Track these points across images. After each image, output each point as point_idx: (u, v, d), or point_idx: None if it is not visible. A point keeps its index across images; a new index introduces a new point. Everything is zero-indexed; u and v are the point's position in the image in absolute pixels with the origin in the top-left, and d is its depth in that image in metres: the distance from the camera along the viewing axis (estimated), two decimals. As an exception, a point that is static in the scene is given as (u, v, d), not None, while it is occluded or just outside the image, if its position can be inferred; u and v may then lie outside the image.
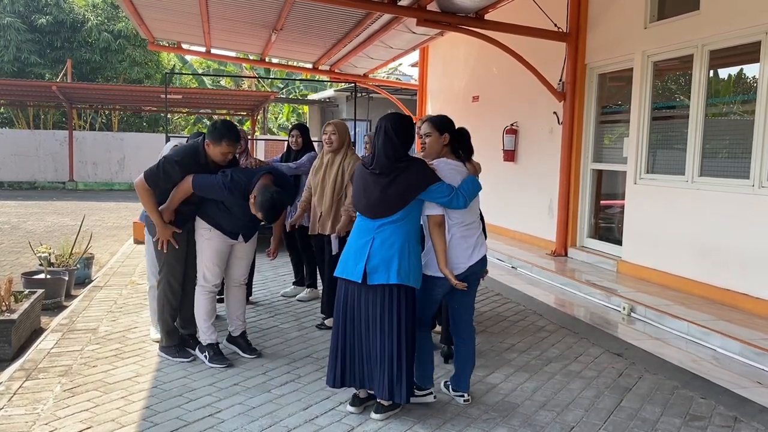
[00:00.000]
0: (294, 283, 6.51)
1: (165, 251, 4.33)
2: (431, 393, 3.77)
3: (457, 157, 3.71)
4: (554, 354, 4.80)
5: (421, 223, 3.63)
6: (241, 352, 4.53)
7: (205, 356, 4.37)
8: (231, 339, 4.62)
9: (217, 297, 4.61)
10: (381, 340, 3.45)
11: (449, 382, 3.90)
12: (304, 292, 6.29)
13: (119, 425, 3.38)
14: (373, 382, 3.53)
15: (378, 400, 3.56)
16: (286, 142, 6.51)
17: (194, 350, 4.50)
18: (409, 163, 3.46)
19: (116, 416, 3.49)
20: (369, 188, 3.49)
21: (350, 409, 3.63)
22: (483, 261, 3.71)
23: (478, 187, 3.63)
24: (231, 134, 4.24)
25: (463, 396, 3.80)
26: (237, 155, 4.67)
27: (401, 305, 3.44)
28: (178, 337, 4.52)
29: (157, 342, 4.62)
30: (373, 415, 3.54)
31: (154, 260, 4.63)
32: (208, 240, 4.36)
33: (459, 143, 3.73)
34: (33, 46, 23.58)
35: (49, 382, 3.96)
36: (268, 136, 24.12)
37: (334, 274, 3.62)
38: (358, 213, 3.63)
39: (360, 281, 3.43)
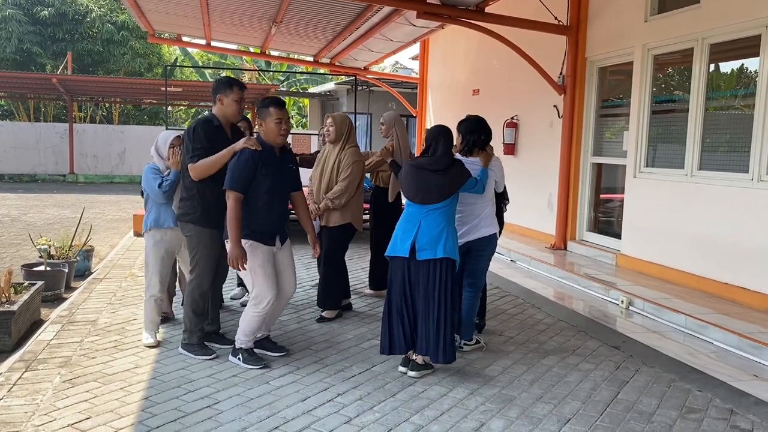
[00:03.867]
0: (240, 283, 6.02)
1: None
2: (479, 343, 4.67)
3: (466, 153, 4.58)
4: (552, 347, 4.82)
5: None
6: (269, 353, 4.40)
7: (239, 358, 4.21)
8: (256, 342, 4.39)
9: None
10: (431, 307, 4.05)
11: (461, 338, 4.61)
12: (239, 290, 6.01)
13: (118, 416, 3.40)
14: (422, 345, 4.07)
15: (414, 359, 4.12)
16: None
17: (218, 345, 4.51)
18: (456, 162, 4.24)
19: (115, 407, 3.51)
20: (425, 181, 4.14)
21: (401, 369, 4.15)
22: (484, 239, 4.54)
23: (494, 174, 4.61)
24: (237, 81, 4.34)
25: (467, 344, 4.59)
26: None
27: (445, 276, 4.07)
28: (201, 336, 4.44)
29: (151, 347, 4.51)
30: (410, 373, 4.08)
31: (156, 272, 4.62)
32: (250, 257, 4.06)
33: (477, 136, 4.59)
34: (35, 37, 23.57)
35: (48, 373, 3.98)
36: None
37: (386, 254, 4.26)
38: (407, 201, 4.26)
39: (407, 256, 4.07)
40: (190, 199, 4.30)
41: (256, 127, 4.62)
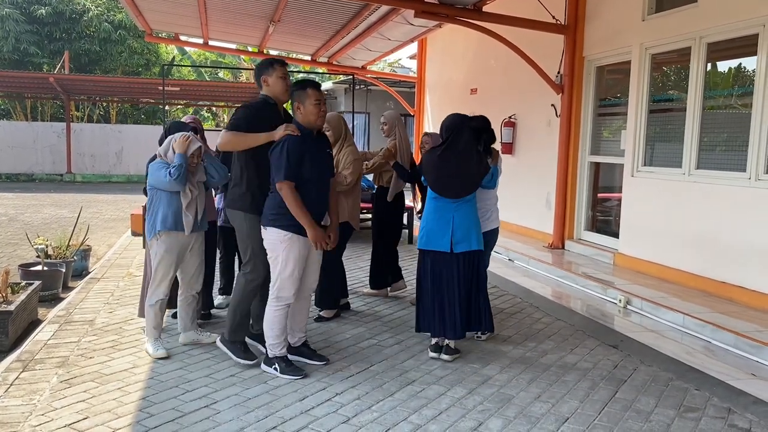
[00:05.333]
0: (222, 291, 5.76)
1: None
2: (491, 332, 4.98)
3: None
4: (550, 346, 4.82)
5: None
6: (308, 361, 4.23)
7: (275, 368, 4.03)
8: (292, 350, 4.25)
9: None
10: (471, 293, 4.45)
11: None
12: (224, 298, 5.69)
13: (115, 416, 3.40)
14: (458, 328, 4.39)
15: (447, 343, 4.44)
16: None
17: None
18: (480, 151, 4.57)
19: (112, 407, 3.50)
20: (457, 174, 4.37)
21: (432, 354, 4.44)
22: (490, 231, 4.90)
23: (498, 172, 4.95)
24: (277, 59, 4.27)
25: (483, 333, 4.89)
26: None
27: (480, 263, 4.52)
28: (245, 335, 4.30)
29: (162, 358, 4.28)
30: (443, 356, 4.39)
31: (167, 278, 4.36)
32: (287, 249, 3.93)
33: (489, 135, 4.81)
34: (32, 37, 23.51)
35: (45, 373, 3.98)
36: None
37: (419, 247, 4.51)
38: (435, 195, 4.45)
39: (449, 251, 4.36)
40: (239, 186, 4.16)
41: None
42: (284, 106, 4.36)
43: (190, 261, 4.49)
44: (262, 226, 4.04)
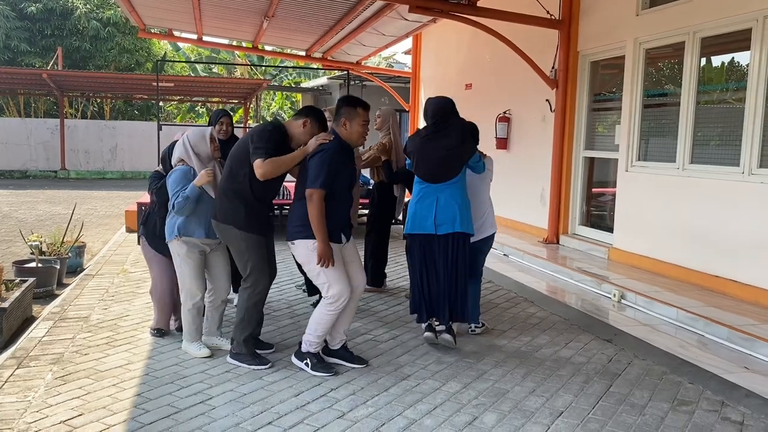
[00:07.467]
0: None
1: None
2: (485, 326, 4.99)
3: None
4: (544, 340, 4.83)
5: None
6: (348, 364, 4.16)
7: (307, 363, 4.03)
8: (331, 352, 4.21)
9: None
10: (452, 276, 4.41)
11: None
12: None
13: (111, 412, 3.39)
14: (443, 310, 4.43)
15: (437, 327, 4.50)
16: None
17: (268, 350, 4.33)
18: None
19: (108, 403, 3.50)
20: (441, 158, 4.36)
21: (427, 334, 4.52)
22: (486, 239, 4.90)
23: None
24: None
25: (477, 327, 4.90)
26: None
27: (463, 248, 4.43)
28: (254, 344, 4.23)
29: (205, 357, 4.25)
30: (444, 336, 4.44)
31: (195, 277, 4.24)
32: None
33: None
34: (23, 33, 23.38)
35: (40, 370, 3.97)
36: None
37: (405, 232, 4.57)
38: (417, 179, 4.51)
39: (433, 232, 4.39)
40: (234, 200, 4.04)
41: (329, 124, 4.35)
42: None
43: (214, 264, 4.37)
44: (289, 243, 4.06)
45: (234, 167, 4.08)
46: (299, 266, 4.75)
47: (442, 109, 4.45)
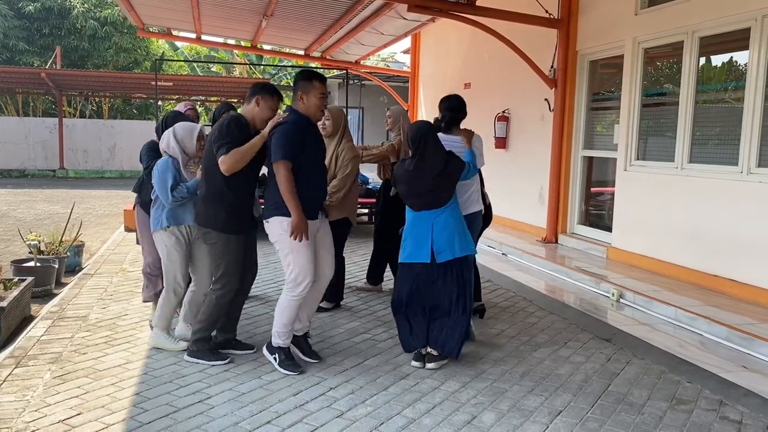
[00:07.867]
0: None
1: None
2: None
3: (445, 130, 4.63)
4: (543, 339, 4.84)
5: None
6: (301, 355, 4.19)
7: (275, 358, 4.04)
8: (293, 338, 4.20)
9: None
10: (452, 304, 4.12)
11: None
12: None
13: (109, 411, 3.39)
14: (438, 338, 4.15)
15: (429, 352, 4.18)
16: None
17: (236, 351, 4.30)
18: (450, 155, 4.22)
19: (106, 403, 3.50)
20: (429, 188, 4.13)
21: (415, 364, 4.16)
22: (472, 215, 4.71)
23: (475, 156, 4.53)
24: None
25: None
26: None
27: (465, 272, 4.18)
28: (212, 342, 4.22)
29: (181, 350, 4.28)
30: (429, 365, 4.12)
31: (181, 267, 4.29)
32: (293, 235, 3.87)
33: (455, 114, 4.70)
34: (21, 32, 23.35)
35: (39, 369, 3.97)
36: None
37: (400, 261, 4.25)
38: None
39: (429, 261, 4.11)
40: (212, 203, 4.01)
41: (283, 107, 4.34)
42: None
43: (198, 258, 4.37)
44: (264, 221, 4.03)
45: (209, 169, 4.06)
46: None
47: (419, 132, 4.21)
